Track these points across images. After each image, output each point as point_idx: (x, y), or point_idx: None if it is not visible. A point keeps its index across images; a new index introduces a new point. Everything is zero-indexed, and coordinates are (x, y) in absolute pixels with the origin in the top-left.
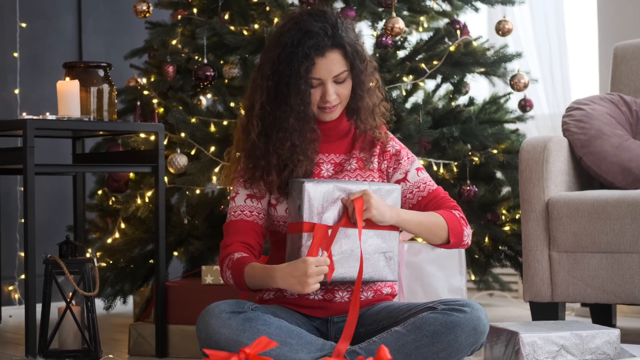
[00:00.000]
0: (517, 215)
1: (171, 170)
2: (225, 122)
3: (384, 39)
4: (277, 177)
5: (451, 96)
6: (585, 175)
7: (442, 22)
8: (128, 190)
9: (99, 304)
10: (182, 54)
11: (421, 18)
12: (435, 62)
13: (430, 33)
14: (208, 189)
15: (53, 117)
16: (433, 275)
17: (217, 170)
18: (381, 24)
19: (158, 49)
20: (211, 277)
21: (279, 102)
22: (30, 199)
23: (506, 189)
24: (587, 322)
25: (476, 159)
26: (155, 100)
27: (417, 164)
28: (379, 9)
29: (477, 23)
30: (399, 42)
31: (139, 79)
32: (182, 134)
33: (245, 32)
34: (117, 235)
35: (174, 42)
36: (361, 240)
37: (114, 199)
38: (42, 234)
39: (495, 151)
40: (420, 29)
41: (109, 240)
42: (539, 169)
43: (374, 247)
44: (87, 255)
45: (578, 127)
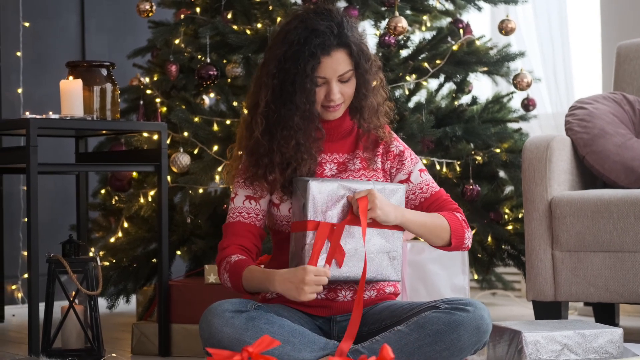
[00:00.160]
0: (520, 215)
1: (174, 170)
2: (228, 122)
3: (386, 38)
4: (280, 175)
5: (454, 95)
6: (588, 174)
7: (445, 21)
8: (131, 190)
9: (102, 303)
10: (185, 53)
11: (424, 17)
12: (438, 62)
13: (433, 32)
14: (211, 188)
15: (56, 116)
16: (436, 274)
17: (220, 169)
18: (384, 23)
19: (161, 48)
20: (214, 276)
21: (284, 100)
22: (33, 198)
23: (509, 188)
24: (590, 321)
25: (479, 158)
26: (158, 100)
27: (420, 165)
28: (382, 8)
29: (480, 22)
30: (402, 41)
31: (142, 78)
32: (185, 133)
33: (248, 32)
34: (120, 234)
35: (177, 41)
36: (365, 240)
37: (116, 198)
38: (45, 233)
39: (498, 150)
40: (423, 28)
41: (112, 240)
42: (541, 168)
43: (377, 246)
44: (90, 254)
45: (581, 126)
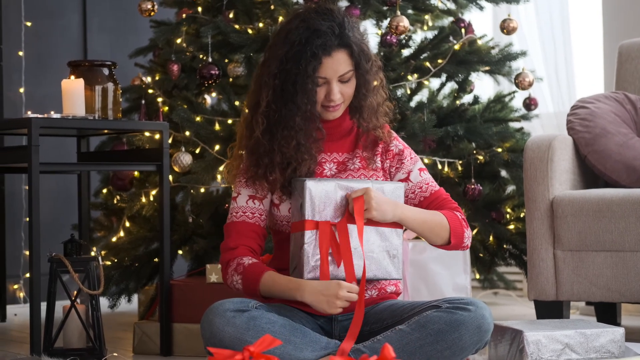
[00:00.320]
0: (522, 214)
1: (176, 169)
2: (230, 121)
3: (388, 37)
4: (280, 175)
5: (456, 95)
6: (589, 173)
7: (446, 20)
8: (133, 189)
9: (104, 302)
10: (187, 53)
11: (426, 16)
12: (440, 61)
13: (435, 31)
14: (213, 187)
15: (58, 115)
16: (438, 273)
17: (221, 168)
18: (386, 22)
19: (163, 47)
20: (216, 276)
21: (285, 100)
22: (35, 198)
23: (511, 188)
24: (592, 320)
25: (481, 157)
26: (160, 99)
27: (419, 164)
28: (383, 7)
29: (482, 21)
30: (404, 41)
31: (143, 78)
32: (187, 133)
33: (249, 31)
34: (121, 233)
35: (178, 40)
36: (363, 240)
37: (118, 198)
38: (47, 233)
39: (499, 150)
40: (425, 27)
41: (114, 239)
42: (543, 167)
43: (377, 245)
44: (92, 253)
45: (583, 125)
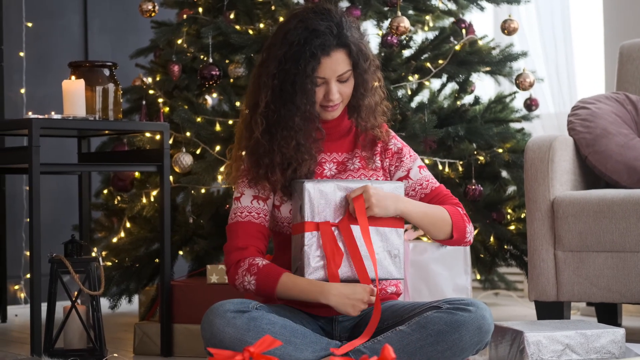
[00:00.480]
0: (523, 215)
1: (176, 170)
2: (230, 122)
3: (389, 38)
4: (281, 175)
5: (456, 95)
6: (590, 174)
7: (447, 21)
8: (133, 190)
9: (105, 303)
10: (188, 53)
11: (427, 17)
12: (440, 61)
13: (436, 32)
14: (213, 188)
15: (58, 116)
16: (438, 274)
17: (222, 169)
18: (386, 23)
19: (163, 48)
20: (216, 277)
21: (284, 100)
22: (36, 198)
23: (511, 188)
24: (593, 321)
25: (481, 158)
26: (160, 100)
27: (419, 161)
28: (384, 8)
29: (483, 22)
30: (405, 41)
31: (144, 78)
32: (188, 133)
33: (250, 32)
34: (122, 234)
35: (179, 41)
36: (363, 239)
37: (119, 198)
38: (48, 233)
39: (500, 150)
40: (425, 28)
41: (115, 240)
42: (544, 168)
43: (378, 246)
44: (93, 254)
45: (583, 126)
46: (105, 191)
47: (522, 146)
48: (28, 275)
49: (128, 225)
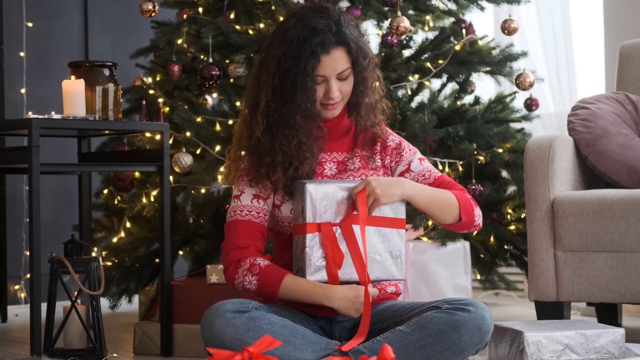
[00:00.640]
0: (523, 215)
1: (176, 170)
2: (230, 122)
3: (389, 38)
4: (282, 174)
5: (457, 95)
6: (590, 174)
7: (447, 21)
8: (133, 190)
9: (104, 303)
10: (188, 53)
11: (427, 17)
12: (440, 61)
13: (436, 32)
14: (213, 188)
15: (58, 116)
16: (438, 274)
17: (222, 169)
18: (387, 23)
19: (164, 48)
20: (216, 277)
21: (284, 99)
22: (36, 198)
23: (512, 188)
24: (593, 321)
25: (482, 158)
26: (160, 100)
27: (418, 154)
28: (384, 8)
29: (483, 22)
30: (405, 41)
31: (144, 78)
32: (188, 133)
33: (250, 32)
34: (122, 234)
35: (179, 41)
36: (366, 240)
37: (119, 198)
38: (48, 233)
39: (500, 150)
40: (425, 28)
41: (115, 240)
42: (544, 168)
43: (380, 246)
44: (93, 254)
45: (583, 126)
46: (106, 191)
47: (522, 146)
48: (28, 275)
49: (128, 225)
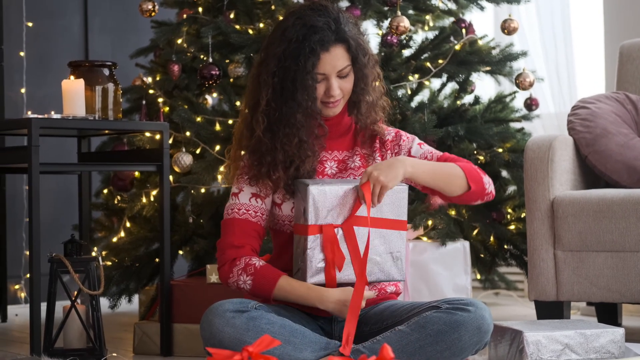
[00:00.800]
0: (523, 214)
1: (176, 169)
2: (230, 121)
3: (389, 37)
4: (283, 173)
5: (456, 95)
6: (590, 174)
7: (447, 20)
8: (133, 189)
9: (104, 302)
10: (188, 53)
11: (427, 17)
12: (440, 61)
13: (436, 32)
14: (213, 187)
15: (58, 116)
16: (438, 274)
17: (222, 169)
18: (386, 22)
19: (163, 48)
20: (216, 276)
21: (285, 98)
22: (35, 198)
23: (511, 188)
24: (592, 321)
25: (481, 157)
26: (160, 99)
27: (417, 140)
28: (384, 7)
29: (483, 22)
30: (405, 41)
31: (144, 78)
32: (188, 133)
33: (250, 31)
34: (122, 234)
35: (179, 41)
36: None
37: (119, 198)
38: (48, 233)
39: (500, 150)
40: (425, 27)
41: (115, 239)
42: (544, 167)
43: (381, 248)
44: (93, 254)
45: (583, 125)
46: (105, 191)
47: (522, 146)
48: (28, 275)
49: (128, 224)
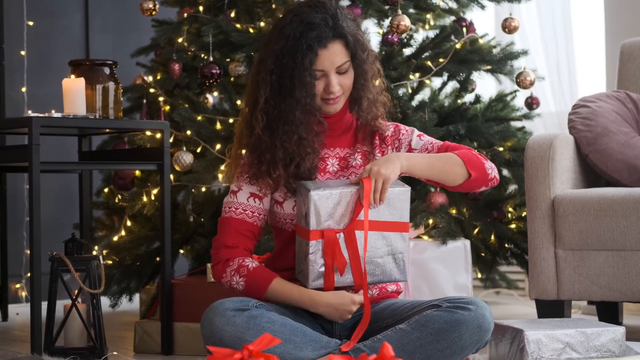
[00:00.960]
0: (523, 213)
1: (177, 168)
2: (231, 120)
3: (390, 36)
4: (284, 171)
5: (457, 94)
6: (591, 172)
7: (448, 19)
8: (134, 188)
9: (105, 301)
10: (188, 52)
11: (427, 16)
12: (441, 60)
13: (437, 31)
14: (214, 186)
15: (58, 114)
16: (439, 272)
17: (222, 167)
18: (387, 21)
19: (164, 46)
20: None
21: (283, 95)
22: (36, 197)
23: (512, 187)
24: (593, 319)
25: None
26: (161, 98)
27: (416, 132)
28: (385, 6)
29: (484, 20)
30: (405, 40)
31: (145, 77)
32: (188, 132)
33: (251, 30)
34: (123, 232)
35: (180, 40)
36: (369, 246)
37: (120, 197)
38: (48, 232)
39: (501, 149)
40: (426, 26)
41: (115, 238)
42: (544, 166)
43: (382, 250)
44: (93, 252)
45: (584, 124)
46: (106, 190)
47: (522, 145)
48: (29, 274)
49: (129, 223)
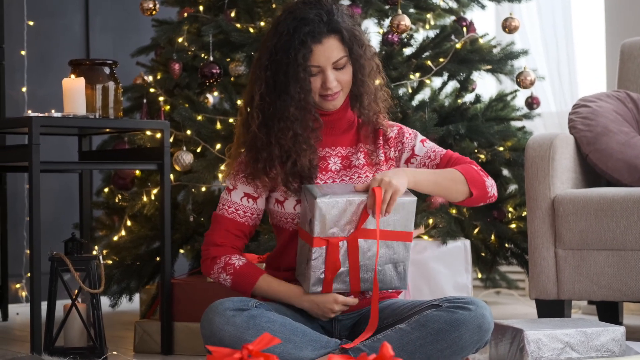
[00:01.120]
0: (524, 213)
1: (177, 168)
2: (231, 120)
3: (390, 36)
4: (280, 169)
5: (457, 93)
6: (591, 172)
7: (448, 19)
8: (134, 188)
9: (105, 301)
10: (189, 52)
11: (428, 15)
12: (441, 60)
13: (437, 30)
14: (214, 186)
15: (58, 114)
16: (439, 272)
17: (222, 167)
18: (387, 21)
19: (164, 46)
20: None
21: (278, 91)
22: (36, 197)
23: (512, 187)
24: (594, 319)
25: (482, 156)
26: (161, 98)
27: (420, 136)
28: (385, 6)
29: (484, 20)
30: (405, 40)
31: (145, 77)
32: (188, 132)
33: (251, 30)
34: (123, 232)
35: (180, 39)
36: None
37: (120, 197)
38: (48, 232)
39: (501, 149)
40: (426, 26)
41: (115, 238)
42: (545, 166)
43: (384, 258)
44: (93, 252)
45: (584, 124)
46: (106, 189)
47: (523, 144)
48: (29, 274)
49: (129, 223)
